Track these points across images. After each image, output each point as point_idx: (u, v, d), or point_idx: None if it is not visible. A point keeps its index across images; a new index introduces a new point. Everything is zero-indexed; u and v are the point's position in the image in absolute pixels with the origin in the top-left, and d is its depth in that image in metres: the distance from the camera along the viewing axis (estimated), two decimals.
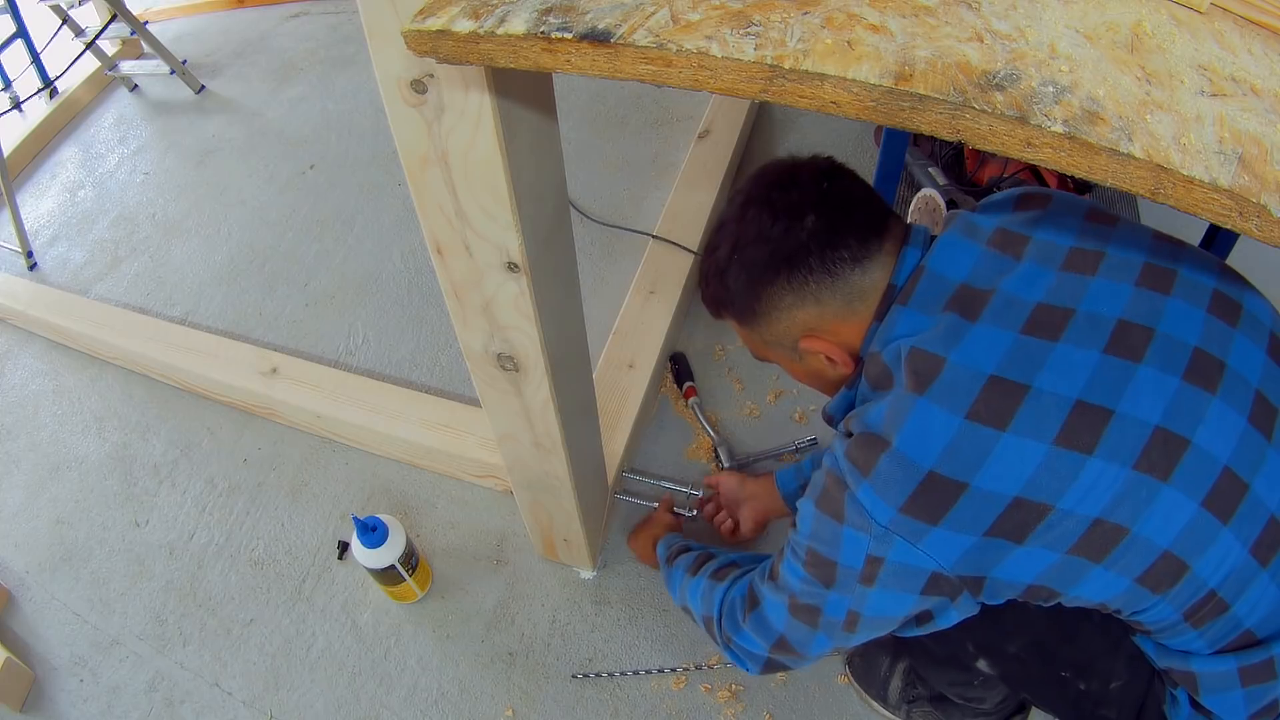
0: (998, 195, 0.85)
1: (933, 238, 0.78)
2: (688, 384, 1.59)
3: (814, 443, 1.50)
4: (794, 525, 0.81)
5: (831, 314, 0.78)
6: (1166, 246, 0.76)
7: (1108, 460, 0.63)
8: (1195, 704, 0.76)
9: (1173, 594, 0.68)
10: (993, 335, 0.68)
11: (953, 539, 0.67)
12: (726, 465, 1.47)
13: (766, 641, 0.87)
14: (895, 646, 1.19)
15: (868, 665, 1.21)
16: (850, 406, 0.82)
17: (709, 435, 1.53)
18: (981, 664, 0.90)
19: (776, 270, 0.76)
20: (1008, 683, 0.92)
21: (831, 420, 0.87)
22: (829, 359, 0.81)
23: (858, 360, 0.80)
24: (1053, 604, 0.73)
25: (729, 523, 1.34)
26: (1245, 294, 0.74)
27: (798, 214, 0.76)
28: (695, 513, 1.39)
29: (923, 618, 0.76)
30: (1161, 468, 0.64)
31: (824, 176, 0.78)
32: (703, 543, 1.18)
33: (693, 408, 1.57)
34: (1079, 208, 0.80)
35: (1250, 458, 0.66)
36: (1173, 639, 0.73)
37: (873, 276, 0.76)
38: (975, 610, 0.74)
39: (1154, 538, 0.65)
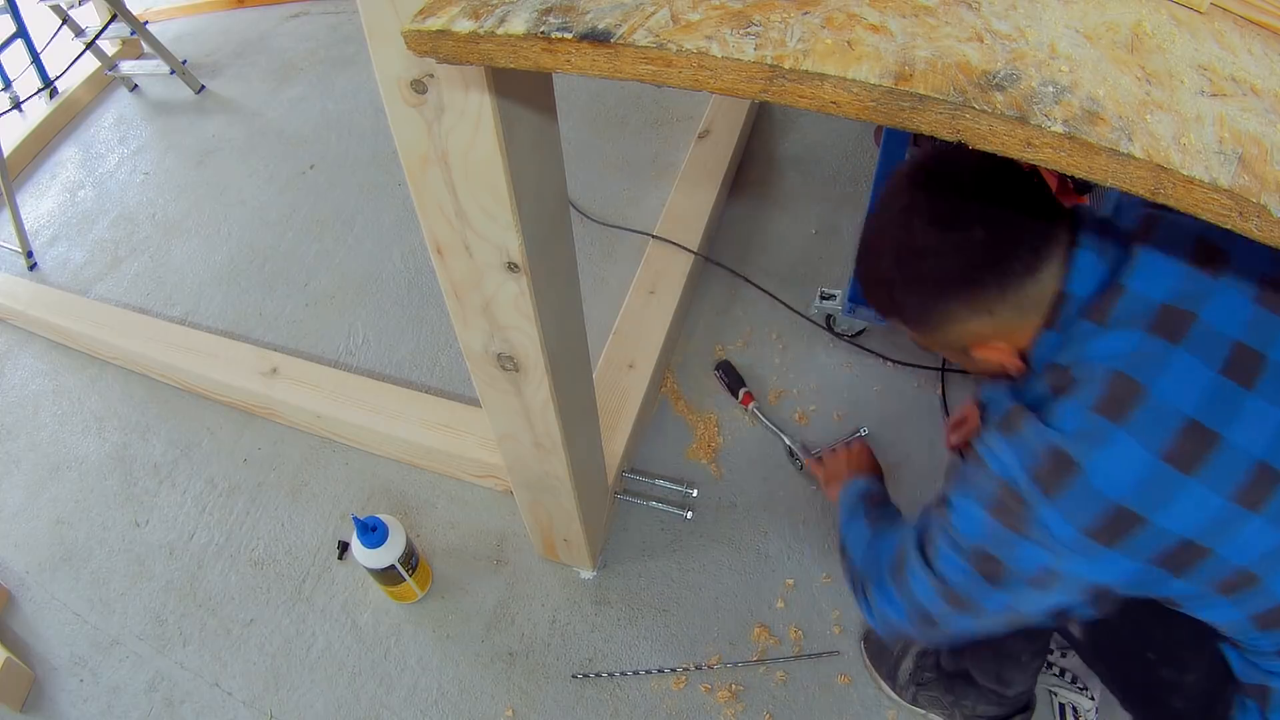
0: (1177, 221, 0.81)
1: (1122, 240, 0.75)
2: (743, 390, 1.58)
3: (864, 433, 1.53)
4: (948, 513, 0.78)
5: (1005, 323, 0.76)
6: None
7: (1269, 520, 0.66)
8: (1265, 717, 0.78)
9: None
10: (1194, 368, 0.68)
11: (1123, 562, 0.70)
12: (804, 458, 1.46)
13: (908, 611, 0.85)
14: None
15: (881, 644, 1.22)
16: (1013, 396, 0.80)
17: (780, 437, 1.52)
18: (1074, 627, 0.91)
19: (947, 288, 0.75)
20: (1088, 650, 0.93)
21: (983, 409, 0.86)
22: (1002, 364, 0.81)
23: (1027, 362, 0.80)
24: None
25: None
26: None
27: (966, 226, 0.72)
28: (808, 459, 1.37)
29: (1061, 611, 0.78)
30: None
31: (993, 181, 0.74)
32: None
33: (754, 413, 1.56)
34: (1263, 260, 0.78)
35: None
36: (1265, 661, 0.76)
37: (1045, 284, 0.74)
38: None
39: (1276, 589, 0.69)
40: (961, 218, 0.72)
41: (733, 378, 1.60)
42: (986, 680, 1.10)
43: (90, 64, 2.64)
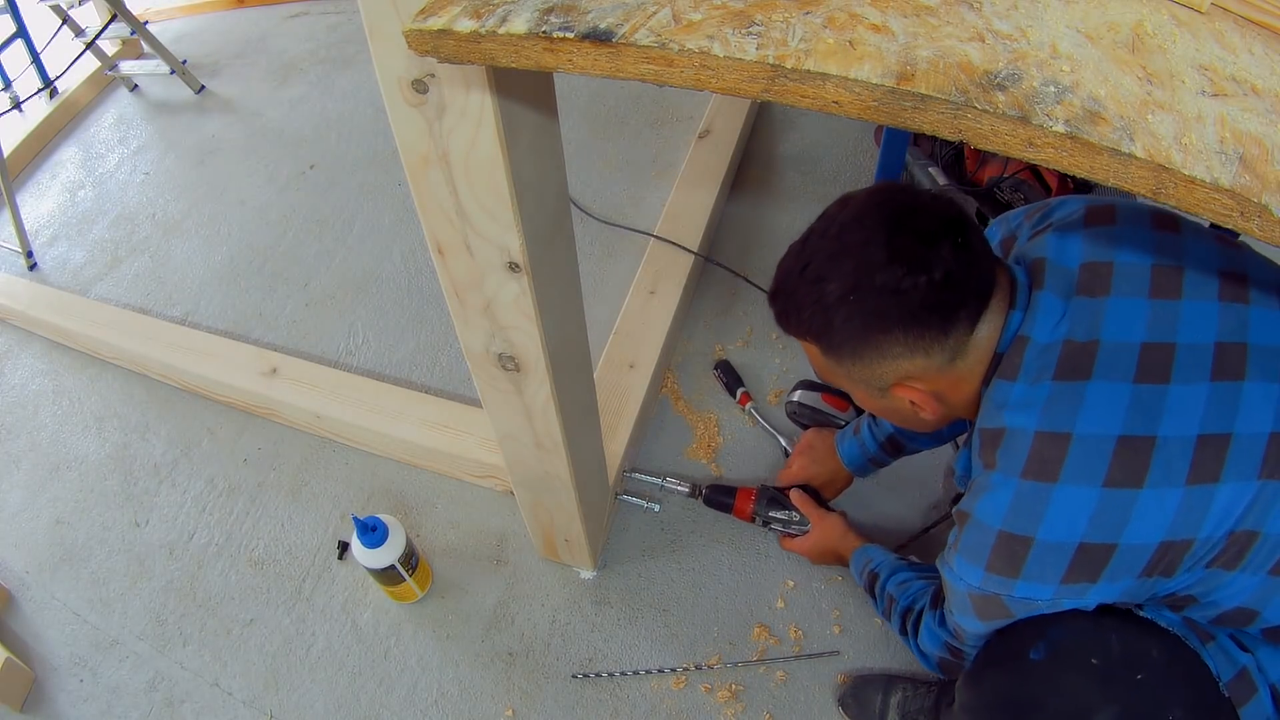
0: (1065, 213, 0.84)
1: (1025, 286, 0.78)
2: (741, 390, 1.58)
3: None
4: (955, 631, 0.86)
5: (935, 366, 0.77)
6: (1230, 250, 0.78)
7: (1236, 481, 0.67)
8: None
9: None
10: (1109, 391, 0.70)
11: (1112, 586, 0.72)
12: (781, 541, 1.40)
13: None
14: (886, 680, 1.20)
15: (861, 703, 1.19)
16: (968, 466, 0.83)
17: (777, 439, 1.52)
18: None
19: (896, 322, 0.75)
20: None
21: (952, 473, 0.89)
22: (914, 404, 0.81)
23: (942, 412, 0.82)
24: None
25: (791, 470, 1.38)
26: None
27: (927, 266, 0.73)
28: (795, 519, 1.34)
29: None
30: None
31: (954, 229, 0.75)
32: (886, 555, 1.15)
33: (751, 413, 1.56)
34: (1144, 216, 0.80)
35: None
36: None
37: (982, 334, 0.77)
38: None
39: None
40: (924, 257, 0.73)
41: (731, 377, 1.60)
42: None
43: (90, 64, 2.64)
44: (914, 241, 0.73)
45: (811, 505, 1.31)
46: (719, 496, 1.39)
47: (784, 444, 1.51)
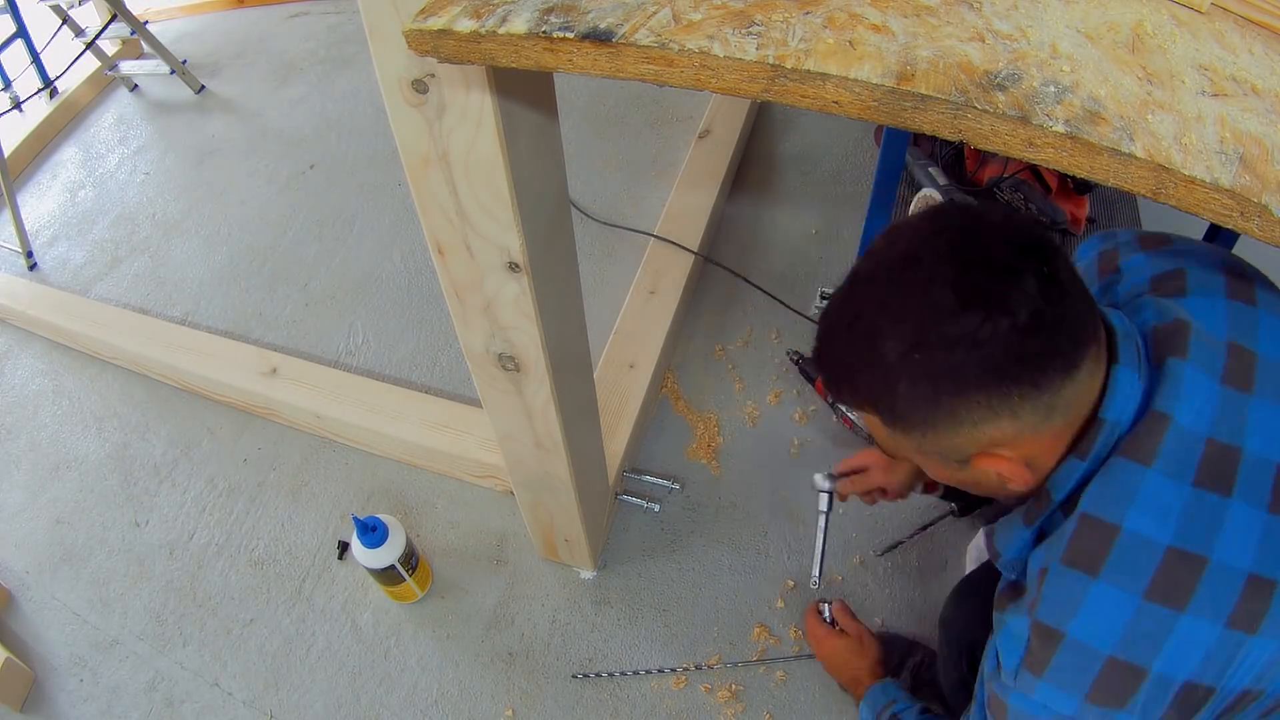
0: (1201, 269, 0.71)
1: (1148, 354, 0.65)
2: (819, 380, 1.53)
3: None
4: None
5: (1026, 429, 0.63)
6: None
7: (1265, 636, 0.60)
8: None
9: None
10: (1247, 517, 0.60)
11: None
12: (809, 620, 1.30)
13: None
14: (909, 643, 1.21)
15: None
16: (1028, 545, 0.70)
17: (857, 428, 1.48)
18: None
19: (974, 382, 0.61)
20: None
21: (996, 556, 0.74)
22: (1000, 475, 0.66)
23: (1034, 478, 0.69)
24: None
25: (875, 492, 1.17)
26: None
27: (1007, 308, 0.58)
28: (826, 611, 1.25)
29: None
30: None
31: (1036, 256, 0.60)
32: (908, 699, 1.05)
33: (836, 406, 1.51)
34: (1274, 295, 0.70)
35: None
36: None
37: (1079, 385, 0.63)
38: None
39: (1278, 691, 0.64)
40: (1007, 297, 0.58)
41: (813, 366, 1.54)
42: None
43: (90, 64, 2.64)
44: (988, 277, 0.59)
45: (851, 618, 1.22)
46: (810, 368, 1.40)
47: (862, 433, 1.47)
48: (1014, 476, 0.66)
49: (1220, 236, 1.40)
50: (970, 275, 0.59)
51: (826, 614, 1.24)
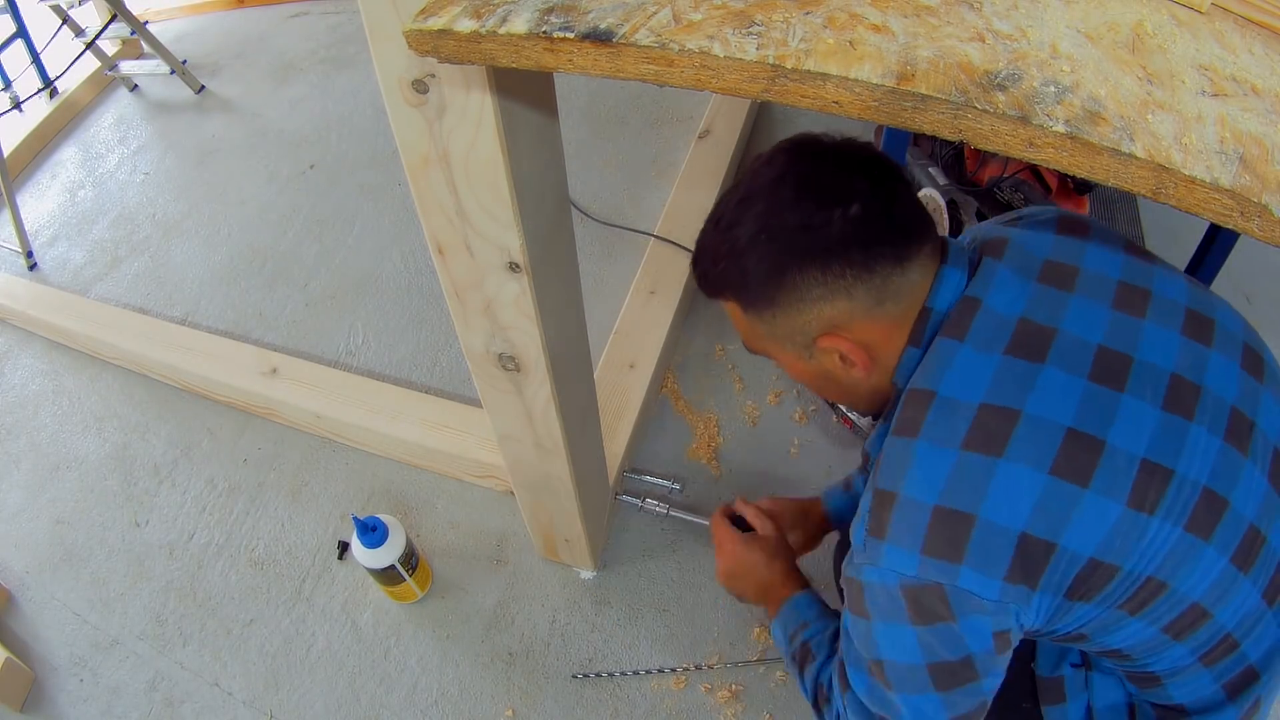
0: (1037, 213, 0.82)
1: (973, 261, 0.74)
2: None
3: None
4: (878, 674, 0.71)
5: (860, 311, 0.71)
6: (1201, 293, 0.75)
7: (1164, 520, 0.64)
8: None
9: (1191, 639, 0.70)
10: (1063, 380, 0.66)
11: (1044, 601, 0.66)
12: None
13: None
14: None
15: None
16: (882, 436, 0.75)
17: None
18: None
19: (811, 258, 0.69)
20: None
21: (866, 457, 0.80)
22: (844, 358, 0.74)
23: (875, 371, 0.75)
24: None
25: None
26: (1264, 346, 0.76)
27: (842, 199, 0.68)
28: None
29: None
30: (1205, 528, 0.65)
31: (872, 166, 0.71)
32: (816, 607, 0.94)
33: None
34: (1118, 240, 0.78)
35: (1269, 514, 0.68)
36: (1181, 682, 0.74)
37: (910, 278, 0.71)
38: None
39: (1189, 592, 0.66)
40: (838, 191, 0.69)
41: None
42: None
43: (90, 64, 2.64)
44: (827, 176, 0.70)
45: (764, 517, 1.06)
46: None
47: (862, 433, 1.46)
48: (855, 358, 0.74)
49: (1220, 236, 1.40)
50: (813, 175, 0.71)
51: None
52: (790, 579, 0.98)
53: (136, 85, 2.68)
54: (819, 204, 0.69)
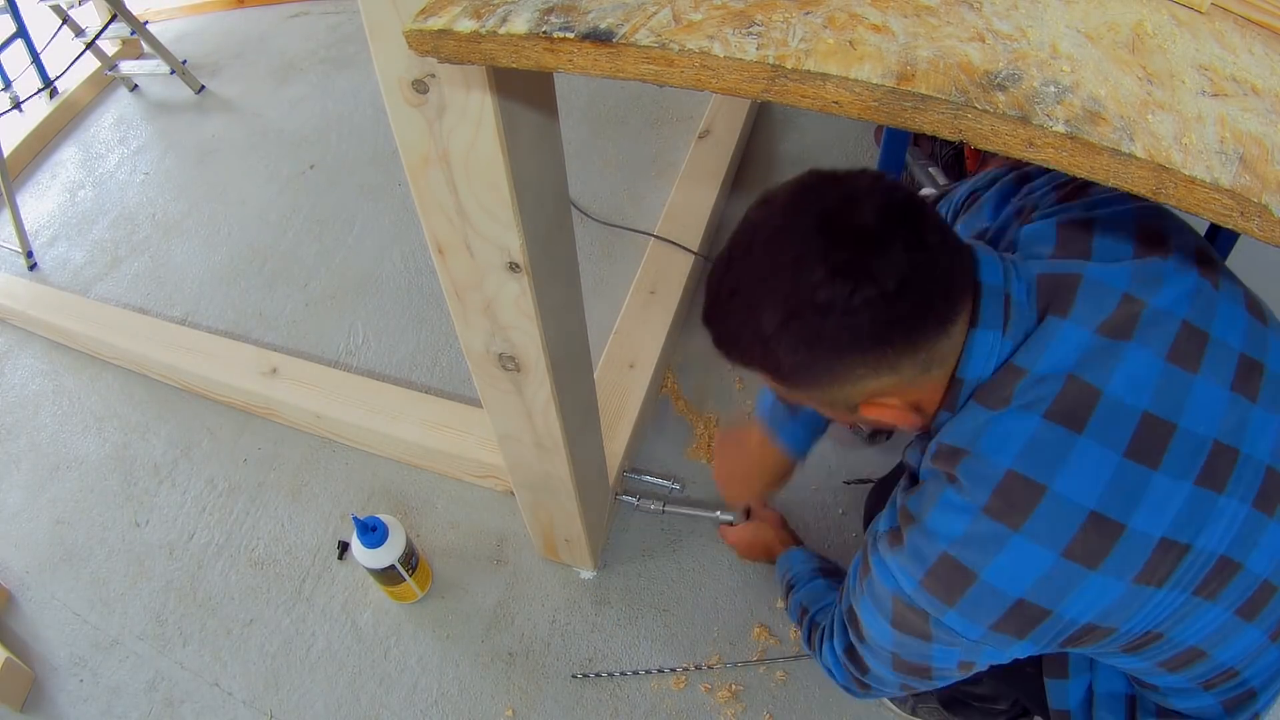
0: (1111, 210, 0.72)
1: (1016, 298, 0.67)
2: None
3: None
4: (861, 627, 0.78)
5: (906, 381, 0.67)
6: (1256, 328, 0.70)
7: (1171, 589, 0.64)
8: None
9: (1188, 672, 0.72)
10: (1097, 456, 0.63)
11: (1033, 647, 0.69)
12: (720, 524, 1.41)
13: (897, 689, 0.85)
14: None
15: None
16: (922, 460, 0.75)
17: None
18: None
19: (850, 346, 0.63)
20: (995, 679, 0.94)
21: (908, 467, 0.79)
22: (892, 421, 0.72)
23: (922, 419, 0.73)
24: None
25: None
26: None
27: (875, 278, 0.61)
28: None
29: None
30: (1213, 590, 0.66)
31: (901, 221, 0.62)
32: (808, 562, 1.10)
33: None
34: (1190, 253, 0.70)
35: None
36: (1181, 698, 0.76)
37: (955, 338, 0.67)
38: None
39: (1185, 640, 0.68)
40: (873, 267, 0.61)
41: None
42: (971, 699, 1.11)
43: (90, 64, 2.64)
44: (855, 247, 0.61)
45: (755, 509, 1.32)
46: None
47: (863, 434, 1.49)
48: (901, 421, 0.71)
49: (1220, 236, 1.40)
50: (839, 246, 0.61)
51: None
52: (784, 539, 1.25)
53: (136, 85, 2.68)
54: (853, 285, 0.61)
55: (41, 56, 2.50)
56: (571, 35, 0.49)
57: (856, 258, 0.61)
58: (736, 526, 1.33)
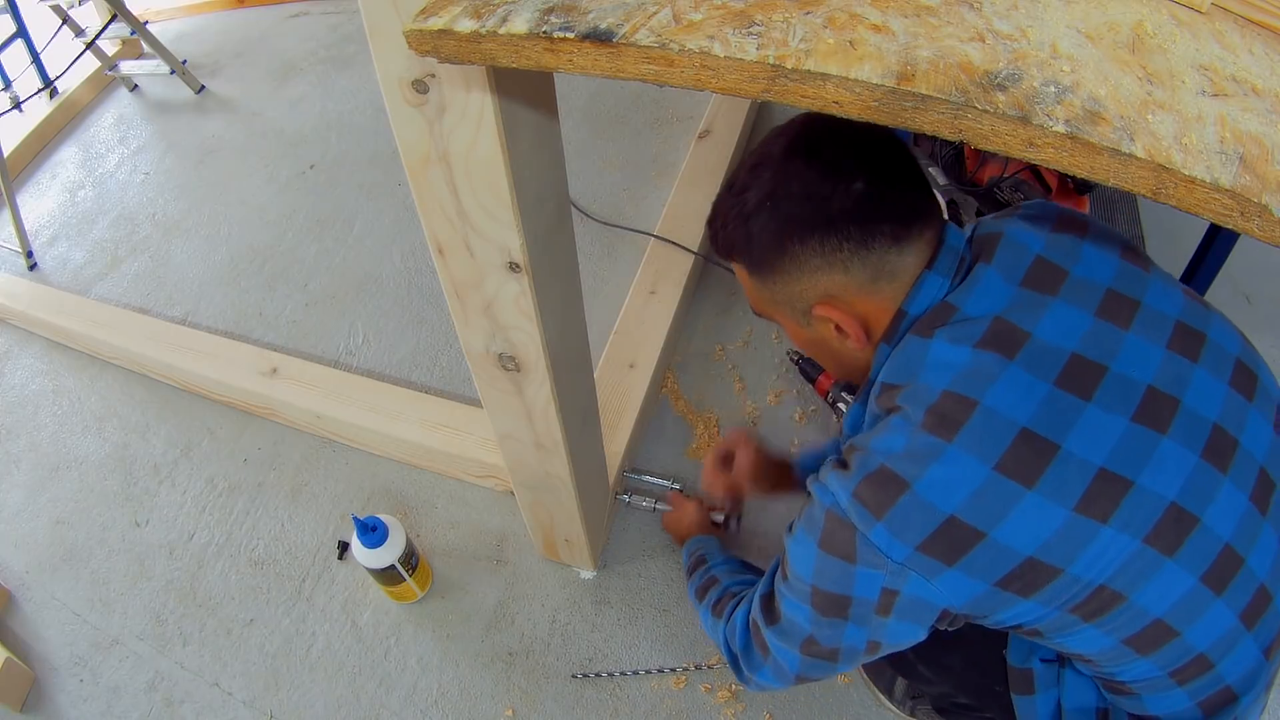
0: (1038, 208, 0.81)
1: (965, 260, 0.75)
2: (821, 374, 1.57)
3: None
4: (786, 561, 0.78)
5: (855, 286, 0.74)
6: (1197, 306, 0.75)
7: (1120, 530, 0.64)
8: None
9: (1157, 655, 0.69)
10: (1027, 382, 0.66)
11: (965, 582, 0.67)
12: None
13: (787, 680, 0.85)
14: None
15: (876, 669, 1.22)
16: (859, 414, 0.79)
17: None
18: (922, 669, 0.94)
19: (812, 229, 0.71)
20: (949, 686, 0.96)
21: (842, 432, 0.84)
22: (839, 329, 0.77)
23: (869, 345, 0.78)
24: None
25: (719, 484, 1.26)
26: (1259, 363, 0.75)
27: (847, 176, 0.70)
28: (728, 520, 1.35)
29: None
30: (1169, 543, 0.65)
31: (881, 146, 0.73)
32: (726, 551, 1.15)
33: (840, 402, 1.54)
34: (1115, 243, 0.77)
35: (1248, 534, 0.67)
36: (1154, 696, 0.74)
37: (905, 260, 0.73)
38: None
39: (1149, 607, 0.66)
40: (845, 167, 0.71)
41: (810, 364, 1.58)
42: (953, 706, 1.11)
43: (90, 64, 2.64)
44: (836, 150, 0.71)
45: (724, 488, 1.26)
46: (810, 369, 1.54)
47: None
48: (849, 329, 0.76)
49: (1220, 236, 1.40)
50: (825, 149, 0.72)
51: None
52: (702, 529, 1.28)
53: (136, 85, 2.68)
54: (824, 176, 0.71)
55: (41, 56, 2.50)
56: (571, 35, 0.49)
57: (834, 156, 0.71)
58: (672, 511, 1.34)
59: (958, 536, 0.65)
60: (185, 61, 2.57)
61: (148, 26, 2.52)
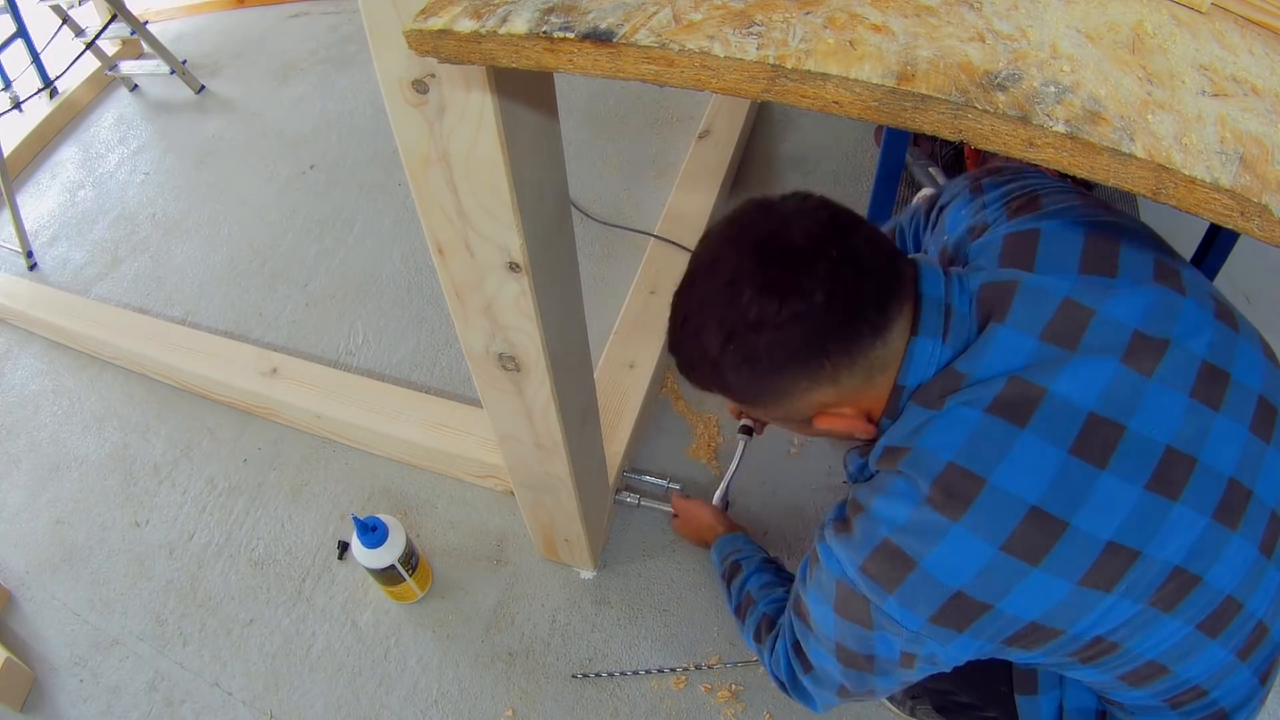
0: (1065, 209, 0.74)
1: (955, 307, 0.69)
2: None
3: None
4: (804, 616, 0.78)
5: (849, 391, 0.70)
6: (1227, 332, 0.69)
7: (1123, 597, 0.63)
8: None
9: (1151, 687, 0.70)
10: (1039, 451, 0.63)
11: (975, 643, 0.68)
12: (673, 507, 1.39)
13: (832, 707, 0.86)
14: None
15: None
16: (862, 465, 0.77)
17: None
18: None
19: (788, 358, 0.67)
20: (952, 685, 0.96)
21: (845, 471, 0.82)
22: (847, 430, 0.74)
23: (873, 427, 0.74)
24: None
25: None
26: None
27: (805, 293, 0.64)
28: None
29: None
30: (1170, 603, 0.65)
31: (828, 239, 0.66)
32: (757, 551, 1.12)
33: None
34: (1149, 263, 0.70)
35: (1251, 582, 0.66)
36: (1146, 716, 0.75)
37: (893, 345, 0.68)
38: None
39: (1144, 653, 0.67)
40: (799, 283, 0.64)
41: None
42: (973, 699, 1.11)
43: (90, 64, 2.64)
44: (783, 266, 0.65)
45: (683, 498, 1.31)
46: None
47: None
48: (855, 429, 0.73)
49: (1220, 236, 1.40)
50: (768, 267, 0.65)
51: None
52: (725, 524, 1.21)
53: (136, 85, 2.68)
54: (781, 301, 0.64)
55: (41, 56, 2.50)
56: (571, 35, 0.49)
57: (784, 275, 0.65)
58: (689, 500, 1.29)
59: (966, 608, 0.65)
60: (185, 61, 2.57)
61: (148, 26, 2.51)
